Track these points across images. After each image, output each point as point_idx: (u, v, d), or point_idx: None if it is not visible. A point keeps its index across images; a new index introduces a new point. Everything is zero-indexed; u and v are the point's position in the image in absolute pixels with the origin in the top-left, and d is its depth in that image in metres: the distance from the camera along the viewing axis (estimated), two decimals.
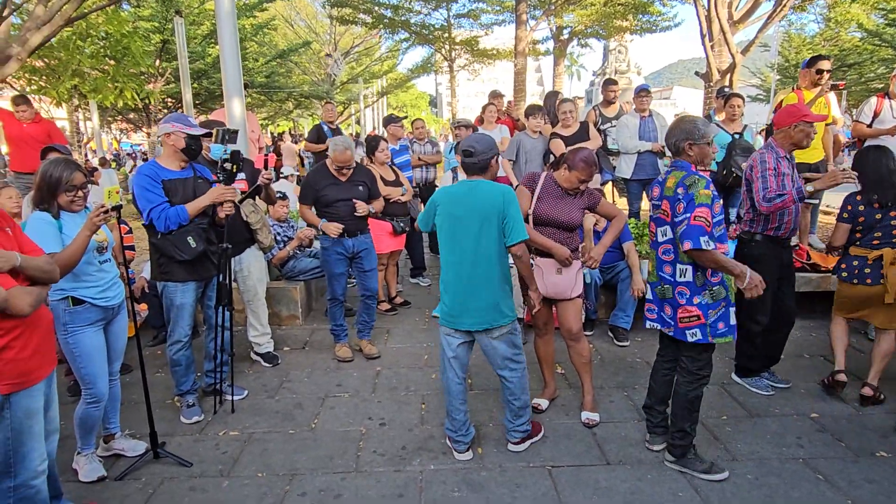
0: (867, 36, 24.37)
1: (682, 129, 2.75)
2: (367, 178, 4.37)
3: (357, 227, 4.22)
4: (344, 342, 4.46)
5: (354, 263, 4.32)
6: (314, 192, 4.16)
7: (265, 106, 26.21)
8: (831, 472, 2.88)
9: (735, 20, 11.77)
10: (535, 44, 21.26)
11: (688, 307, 2.73)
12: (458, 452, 3.05)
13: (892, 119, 5.40)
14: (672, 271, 2.77)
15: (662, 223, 2.78)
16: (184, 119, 3.28)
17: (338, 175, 4.18)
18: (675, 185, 2.68)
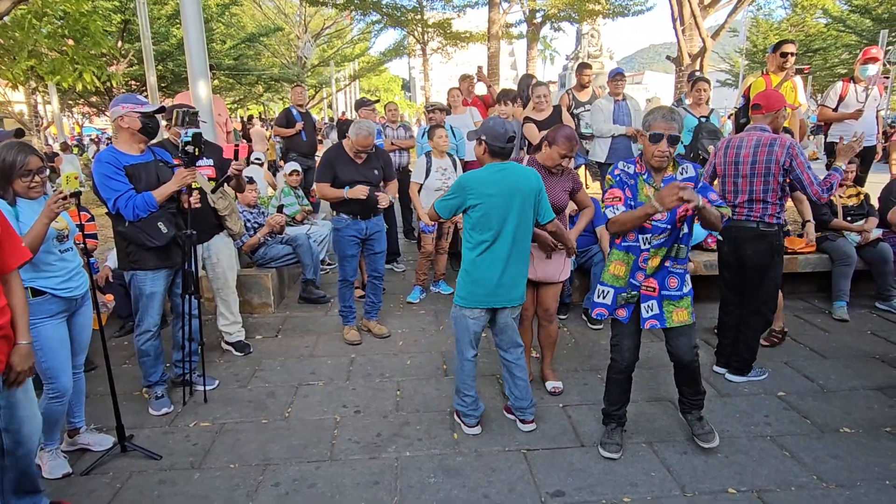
0: (832, 22, 24.88)
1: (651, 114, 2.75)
2: (382, 161, 4.34)
3: (372, 210, 4.21)
4: (352, 324, 4.45)
5: (365, 245, 4.31)
6: (332, 170, 4.10)
7: (234, 89, 25.58)
8: (797, 448, 2.95)
9: (706, 4, 11.87)
10: (508, 27, 21.12)
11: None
12: (470, 427, 3.13)
13: (856, 103, 5.53)
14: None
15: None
16: (133, 98, 3.15)
17: (355, 157, 4.13)
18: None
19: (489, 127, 2.91)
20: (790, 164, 3.34)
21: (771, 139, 3.39)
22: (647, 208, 2.52)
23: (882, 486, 2.64)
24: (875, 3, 21.16)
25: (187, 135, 3.17)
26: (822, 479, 2.70)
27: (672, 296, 2.76)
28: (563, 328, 4.61)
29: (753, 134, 3.48)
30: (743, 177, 3.47)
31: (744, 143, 3.49)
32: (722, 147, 3.63)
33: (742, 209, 3.51)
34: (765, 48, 23.56)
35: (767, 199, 3.43)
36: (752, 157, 3.43)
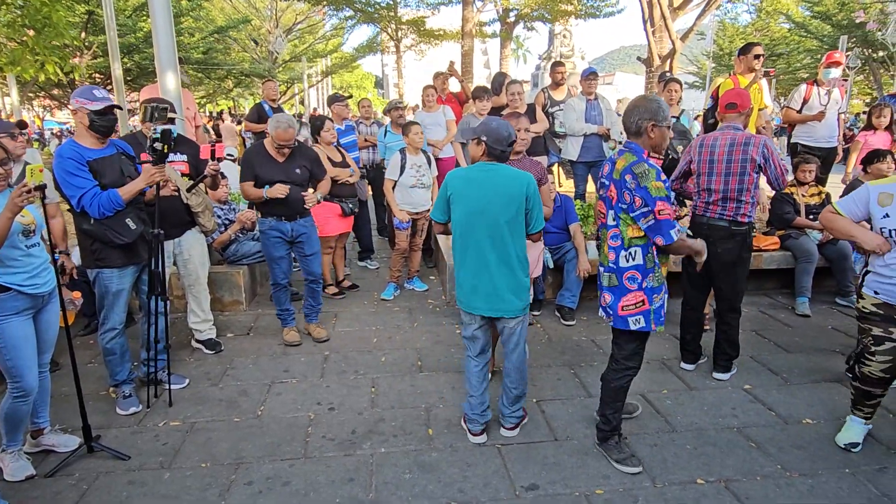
0: (794, 27, 25.62)
1: (647, 109, 2.62)
2: (309, 159, 4.21)
3: (295, 211, 4.09)
4: (291, 326, 4.36)
5: (295, 248, 4.21)
6: (252, 170, 4.01)
7: (203, 84, 25.08)
8: (762, 439, 3.04)
9: (675, 7, 12.10)
10: (481, 25, 21.20)
11: (637, 293, 2.66)
12: (473, 434, 3.04)
13: (819, 105, 5.71)
14: (616, 258, 2.69)
15: (611, 206, 2.68)
16: (87, 93, 2.99)
17: (276, 154, 4.03)
18: (623, 169, 2.56)
19: (492, 129, 2.75)
20: (765, 161, 3.40)
21: (746, 138, 3.43)
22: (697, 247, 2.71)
23: (842, 474, 2.74)
24: (835, 9, 21.88)
25: (156, 132, 3.09)
26: (786, 468, 2.79)
27: None
28: (537, 324, 4.65)
29: (728, 133, 3.50)
30: (717, 175, 3.50)
31: (718, 142, 3.51)
32: (696, 146, 3.65)
33: (715, 207, 3.54)
34: (731, 51, 24.15)
35: (742, 199, 3.46)
36: (728, 156, 3.46)
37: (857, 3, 20.84)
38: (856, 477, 2.71)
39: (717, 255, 3.54)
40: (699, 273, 3.62)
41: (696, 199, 3.66)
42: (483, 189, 2.74)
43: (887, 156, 4.70)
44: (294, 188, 4.01)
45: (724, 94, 3.80)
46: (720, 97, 5.40)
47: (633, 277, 2.66)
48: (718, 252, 3.54)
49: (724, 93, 3.81)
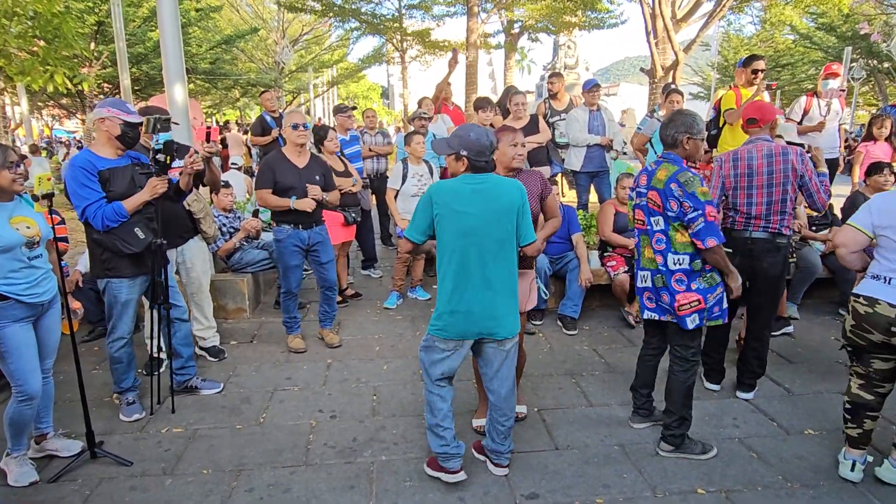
0: (799, 38, 25.66)
1: (683, 122, 2.80)
2: (324, 167, 4.31)
3: (312, 219, 4.14)
4: (297, 333, 4.39)
5: (310, 256, 4.25)
6: (272, 176, 4.05)
7: (210, 93, 25.31)
8: (764, 449, 3.03)
9: (678, 19, 12.17)
10: (486, 37, 21.34)
11: (687, 293, 2.79)
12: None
13: (819, 117, 5.74)
14: (664, 261, 2.83)
15: (655, 213, 2.83)
16: (121, 105, 3.11)
17: (296, 160, 4.11)
18: (667, 179, 2.73)
19: (472, 141, 2.53)
20: (804, 171, 3.33)
21: (783, 148, 3.37)
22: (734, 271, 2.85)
23: (843, 485, 2.73)
24: (839, 21, 21.91)
25: (158, 143, 3.13)
26: (787, 479, 2.78)
27: None
28: (539, 334, 4.66)
29: (762, 144, 3.42)
30: (759, 188, 3.39)
31: (754, 154, 3.41)
32: (728, 160, 3.52)
33: (759, 221, 3.42)
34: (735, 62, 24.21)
35: (785, 210, 3.39)
36: (768, 167, 3.36)
37: (862, 14, 20.88)
38: (856, 487, 2.71)
39: (762, 269, 3.47)
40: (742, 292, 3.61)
41: (734, 216, 3.53)
42: (476, 205, 2.52)
43: (885, 168, 4.71)
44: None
45: (744, 108, 3.77)
46: (724, 111, 5.46)
47: (681, 280, 2.81)
48: (764, 267, 3.46)
49: (745, 107, 3.75)
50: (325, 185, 4.22)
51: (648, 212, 2.88)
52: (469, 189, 2.56)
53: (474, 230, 2.52)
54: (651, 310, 2.99)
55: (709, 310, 2.82)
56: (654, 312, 2.98)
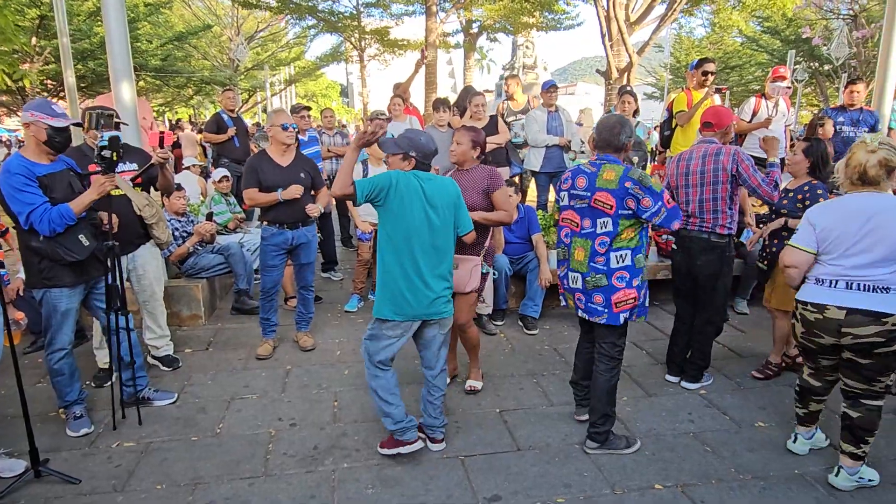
0: (746, 41, 26.64)
1: (628, 128, 2.93)
2: (310, 166, 4.24)
3: (298, 218, 4.09)
4: (270, 338, 4.30)
5: (293, 256, 4.21)
6: (256, 176, 3.99)
7: (161, 91, 24.49)
8: (717, 443, 3.13)
9: (632, 22, 12.44)
10: (445, 36, 21.36)
11: (627, 290, 2.85)
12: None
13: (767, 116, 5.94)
14: (605, 261, 2.84)
15: (602, 215, 2.82)
16: (46, 107, 2.93)
17: (280, 159, 4.04)
18: (619, 179, 2.77)
19: (422, 144, 2.88)
20: (737, 170, 3.44)
21: (717, 148, 3.51)
22: None
23: (791, 475, 2.85)
24: (783, 25, 22.85)
25: (104, 139, 2.99)
26: (739, 471, 2.88)
27: None
28: (500, 334, 4.69)
29: (701, 146, 3.60)
30: (693, 187, 3.56)
31: (693, 154, 3.60)
32: (674, 161, 3.74)
33: (694, 219, 3.59)
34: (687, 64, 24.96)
35: (717, 209, 3.51)
36: (702, 167, 3.53)
37: (804, 19, 21.82)
38: (804, 478, 2.82)
39: (697, 267, 3.62)
40: (687, 286, 3.73)
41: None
42: (419, 198, 2.79)
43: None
44: (303, 194, 4.03)
45: (703, 112, 3.90)
46: (676, 113, 5.61)
47: (623, 277, 2.86)
48: (699, 264, 3.61)
49: (704, 111, 3.88)
50: (313, 182, 4.18)
51: (591, 213, 2.86)
52: (419, 183, 2.82)
53: (418, 220, 2.77)
54: (582, 310, 3.01)
55: (640, 307, 2.92)
56: (584, 313, 3.00)
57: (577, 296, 3.02)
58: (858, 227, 2.52)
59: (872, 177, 2.53)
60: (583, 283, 2.94)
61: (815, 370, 2.86)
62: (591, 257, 2.88)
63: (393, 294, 2.82)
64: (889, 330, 2.47)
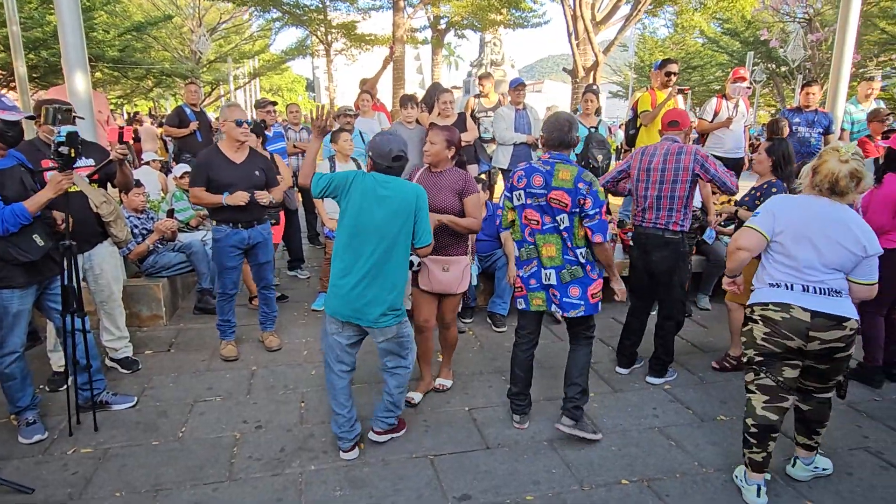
0: (708, 42, 27.31)
1: (577, 124, 3.03)
2: (265, 163, 4.12)
3: (253, 217, 3.97)
4: (230, 339, 4.19)
5: (249, 256, 4.09)
6: (206, 173, 3.85)
7: (120, 83, 23.71)
8: (681, 437, 3.20)
9: (598, 21, 12.59)
10: (413, 32, 21.26)
11: (599, 280, 3.06)
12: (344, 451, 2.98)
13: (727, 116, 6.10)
14: (575, 255, 3.01)
15: (559, 212, 2.94)
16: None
17: (234, 155, 3.90)
18: (574, 178, 2.89)
19: (375, 143, 2.86)
20: (700, 169, 3.52)
21: (679, 148, 3.60)
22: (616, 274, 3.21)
23: None
24: (742, 27, 23.50)
25: (61, 134, 2.86)
26: (703, 464, 2.95)
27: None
28: (469, 332, 4.69)
29: (665, 144, 3.68)
30: (653, 182, 3.64)
31: (656, 151, 3.67)
32: (637, 153, 3.79)
33: (650, 215, 3.67)
34: (651, 63, 25.46)
35: (673, 207, 3.60)
36: (663, 164, 3.60)
37: (762, 22, 22.49)
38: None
39: (653, 262, 3.71)
40: (643, 282, 3.79)
41: (636, 209, 3.79)
42: (372, 201, 2.75)
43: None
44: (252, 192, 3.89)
45: (666, 112, 3.98)
46: (641, 112, 5.71)
47: (594, 268, 3.06)
48: (654, 260, 3.70)
49: (667, 111, 3.98)
50: (266, 180, 4.05)
51: (551, 211, 2.97)
52: (376, 186, 2.78)
53: (371, 225, 2.74)
54: (556, 306, 3.06)
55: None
56: (559, 309, 3.06)
57: (551, 292, 3.06)
58: (815, 230, 2.52)
59: (843, 187, 2.52)
60: (557, 278, 3.02)
61: (771, 394, 2.64)
62: (564, 251, 3.00)
63: (330, 286, 2.87)
64: (847, 335, 2.51)
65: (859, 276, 2.51)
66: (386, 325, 2.83)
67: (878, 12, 19.25)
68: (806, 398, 2.76)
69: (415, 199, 2.81)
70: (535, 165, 3.02)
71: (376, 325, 2.81)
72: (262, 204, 3.96)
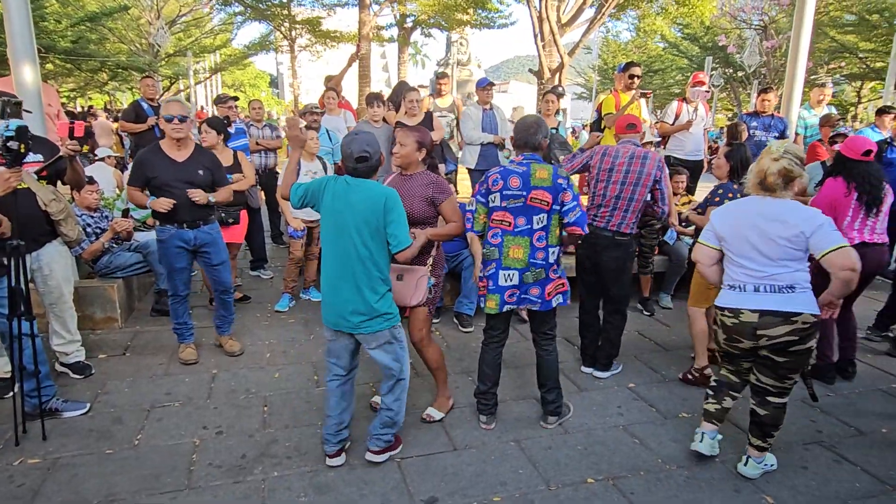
0: (668, 46, 28.00)
1: (544, 127, 3.07)
2: (211, 161, 3.93)
3: (197, 217, 3.81)
4: (188, 342, 4.05)
5: (201, 258, 3.94)
6: (144, 172, 3.69)
7: (73, 75, 22.84)
8: (645, 435, 3.24)
9: (563, 23, 12.73)
10: (379, 29, 21.12)
11: (559, 279, 3.13)
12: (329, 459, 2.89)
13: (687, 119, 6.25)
14: (545, 255, 3.05)
15: (538, 211, 2.99)
16: None
17: (175, 154, 3.74)
18: (552, 176, 2.98)
19: (342, 145, 2.79)
20: (660, 177, 3.63)
21: (644, 153, 3.68)
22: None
23: (712, 463, 2.98)
24: (701, 33, 24.17)
25: (9, 129, 2.72)
26: (665, 461, 2.99)
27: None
28: (436, 332, 4.67)
29: (628, 147, 3.74)
30: (613, 183, 3.69)
31: (620, 153, 3.72)
32: (599, 152, 3.82)
33: (605, 214, 3.72)
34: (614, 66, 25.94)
35: (629, 208, 3.67)
36: (627, 167, 3.66)
37: (720, 28, 23.17)
38: (726, 466, 2.97)
39: (602, 262, 3.78)
40: (593, 279, 3.84)
41: (590, 206, 3.82)
42: (342, 204, 2.68)
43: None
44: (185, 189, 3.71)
45: (625, 115, 4.03)
46: (605, 115, 5.79)
47: (556, 270, 3.13)
48: (604, 259, 3.77)
49: (626, 114, 4.04)
50: (212, 180, 3.89)
51: (526, 211, 3.01)
52: (342, 189, 2.72)
53: (342, 228, 2.67)
54: (511, 303, 3.13)
55: (567, 291, 3.15)
56: (512, 305, 3.13)
57: (508, 293, 3.08)
58: (749, 229, 2.66)
59: (769, 184, 2.66)
60: (520, 279, 3.06)
61: (736, 371, 2.94)
62: (532, 253, 3.03)
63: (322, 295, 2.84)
64: (801, 328, 2.59)
65: (821, 247, 2.56)
66: (370, 332, 2.72)
67: (828, 21, 20.07)
68: (762, 403, 2.83)
69: (383, 201, 2.65)
70: (510, 168, 3.05)
71: (357, 330, 2.72)
72: (199, 203, 3.74)
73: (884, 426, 3.39)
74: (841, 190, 3.67)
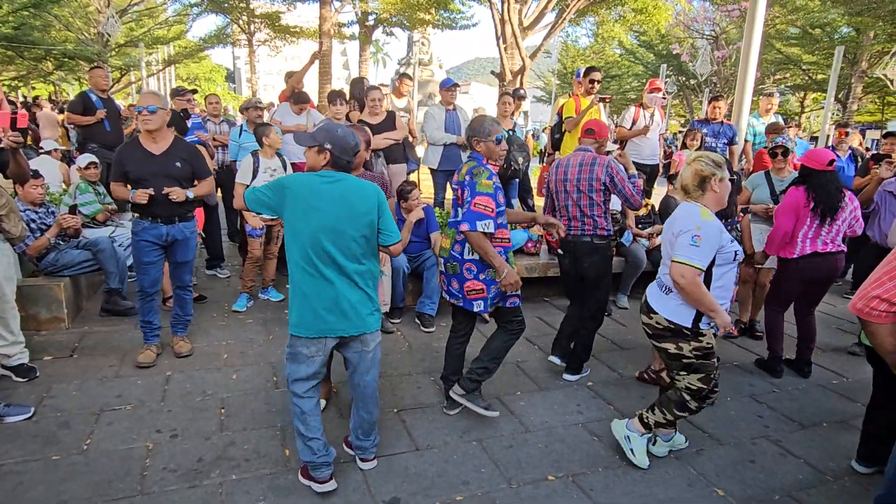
0: (625, 53, 28.73)
1: (472, 127, 3.13)
2: (190, 154, 3.78)
3: (173, 213, 3.70)
4: (152, 344, 3.92)
5: (169, 253, 3.84)
6: (123, 167, 3.59)
7: (14, 63, 21.72)
8: (604, 432, 3.31)
9: (525, 26, 12.88)
10: (340, 26, 20.89)
11: (475, 282, 3.10)
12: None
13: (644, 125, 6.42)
14: (461, 250, 3.12)
15: (458, 206, 3.14)
16: None
17: (152, 146, 3.62)
18: (467, 172, 3.08)
19: (339, 137, 2.54)
20: (610, 181, 3.66)
21: (592, 158, 3.72)
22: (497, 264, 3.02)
23: (668, 459, 3.08)
24: (657, 41, 24.90)
25: None
26: (623, 458, 3.06)
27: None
28: (397, 332, 4.65)
29: (578, 154, 3.80)
30: (570, 193, 3.74)
31: (570, 162, 3.77)
32: (553, 167, 3.90)
33: (576, 223, 3.75)
34: (573, 70, 26.43)
35: (594, 213, 3.71)
36: (577, 175, 3.71)
37: (674, 36, 23.91)
38: (679, 461, 3.07)
39: (584, 269, 3.80)
40: (576, 288, 3.91)
41: (560, 219, 3.81)
42: (333, 203, 2.48)
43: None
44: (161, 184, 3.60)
45: (587, 121, 4.09)
46: (565, 118, 5.89)
47: (470, 269, 3.11)
48: (585, 267, 3.79)
49: (588, 120, 4.09)
50: (191, 172, 3.77)
51: (456, 205, 3.17)
52: (325, 185, 2.51)
53: (327, 227, 2.47)
54: (445, 292, 3.28)
55: (490, 299, 3.14)
56: (447, 294, 3.27)
57: (441, 278, 3.30)
58: (666, 231, 2.84)
59: (685, 186, 2.82)
60: (445, 267, 3.22)
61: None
62: (453, 245, 3.16)
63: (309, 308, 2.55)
64: (654, 325, 2.83)
65: (675, 253, 2.69)
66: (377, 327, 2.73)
67: (774, 34, 20.97)
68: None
69: (375, 196, 2.58)
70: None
71: (366, 327, 2.65)
72: (174, 200, 3.63)
73: (824, 420, 3.57)
74: (802, 199, 3.85)
